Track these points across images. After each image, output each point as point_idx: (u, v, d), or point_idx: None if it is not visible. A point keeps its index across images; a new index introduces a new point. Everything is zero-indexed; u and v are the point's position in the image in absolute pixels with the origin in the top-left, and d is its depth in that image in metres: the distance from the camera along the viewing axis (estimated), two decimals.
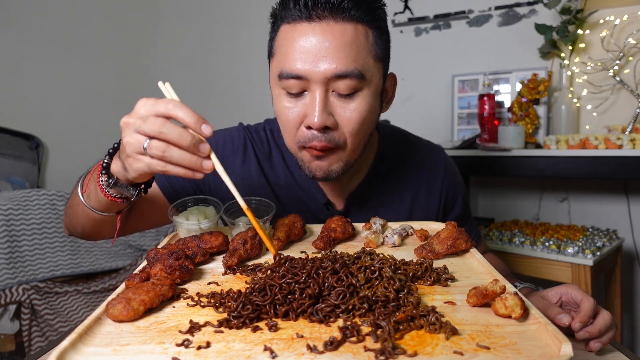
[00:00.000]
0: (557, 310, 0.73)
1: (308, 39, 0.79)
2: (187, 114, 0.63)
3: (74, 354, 0.49)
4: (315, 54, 0.79)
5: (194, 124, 0.63)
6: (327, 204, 1.02)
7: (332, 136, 0.84)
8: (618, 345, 0.73)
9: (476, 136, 2.19)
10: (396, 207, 1.05)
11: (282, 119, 0.87)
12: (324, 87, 0.81)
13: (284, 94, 0.85)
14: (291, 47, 0.81)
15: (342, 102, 0.83)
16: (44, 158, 2.71)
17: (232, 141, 1.02)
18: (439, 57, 2.52)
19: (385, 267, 0.65)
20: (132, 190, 0.78)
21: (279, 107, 0.87)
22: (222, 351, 0.49)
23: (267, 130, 1.06)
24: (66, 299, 2.07)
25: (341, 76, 0.80)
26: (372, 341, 0.50)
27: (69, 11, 2.83)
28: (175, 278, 0.67)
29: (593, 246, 1.76)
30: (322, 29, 0.79)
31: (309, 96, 0.83)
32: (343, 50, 0.79)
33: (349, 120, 0.84)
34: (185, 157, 0.63)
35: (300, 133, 0.86)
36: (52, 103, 2.75)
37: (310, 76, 0.80)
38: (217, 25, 3.18)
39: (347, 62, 0.80)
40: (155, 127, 0.62)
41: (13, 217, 1.93)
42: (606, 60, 2.06)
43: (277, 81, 0.85)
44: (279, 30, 0.85)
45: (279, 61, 0.84)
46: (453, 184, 1.12)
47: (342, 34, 0.79)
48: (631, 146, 1.74)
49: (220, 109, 3.23)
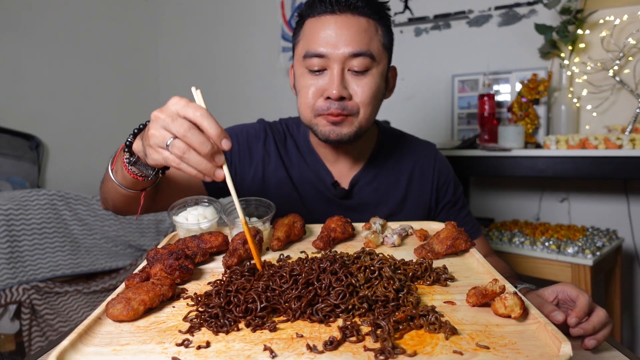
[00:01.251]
0: (551, 307, 0.74)
1: (330, 27, 0.98)
2: (212, 125, 0.68)
3: (73, 353, 0.49)
4: (336, 39, 0.97)
5: (216, 137, 0.68)
6: (334, 183, 1.14)
7: (346, 105, 1.00)
8: (618, 345, 0.73)
9: (476, 136, 2.19)
10: (393, 189, 1.18)
11: (304, 92, 1.03)
12: (341, 65, 0.98)
13: (307, 72, 1.02)
14: (316, 34, 1.00)
15: (356, 79, 1.00)
16: (44, 158, 2.71)
17: (254, 130, 1.20)
18: (439, 57, 2.52)
19: (385, 267, 0.65)
20: (151, 170, 0.85)
21: (301, 83, 1.04)
22: (222, 351, 0.49)
23: (282, 124, 1.24)
24: (66, 299, 2.07)
25: (355, 55, 0.97)
26: (372, 341, 0.50)
27: (69, 11, 2.83)
28: (175, 278, 0.67)
29: (593, 246, 1.76)
30: (342, 21, 0.98)
31: (328, 73, 1.00)
32: (358, 35, 0.98)
33: (361, 92, 1.00)
34: (201, 163, 0.68)
35: (318, 103, 1.01)
36: (52, 103, 2.75)
37: (331, 55, 0.98)
38: (217, 25, 3.18)
39: (361, 45, 0.98)
40: (181, 129, 0.66)
41: (13, 217, 1.93)
42: (606, 60, 2.05)
43: (302, 61, 1.02)
44: (305, 24, 1.04)
45: (305, 45, 1.02)
46: (444, 172, 1.24)
47: (357, 24, 0.99)
48: (631, 146, 1.74)
49: (220, 109, 3.23)
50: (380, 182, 1.17)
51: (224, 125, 0.92)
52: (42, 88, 2.70)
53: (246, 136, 1.18)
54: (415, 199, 1.20)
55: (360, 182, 1.16)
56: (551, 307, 0.75)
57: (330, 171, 1.15)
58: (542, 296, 0.81)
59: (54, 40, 2.75)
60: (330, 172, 1.15)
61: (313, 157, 1.16)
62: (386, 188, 1.17)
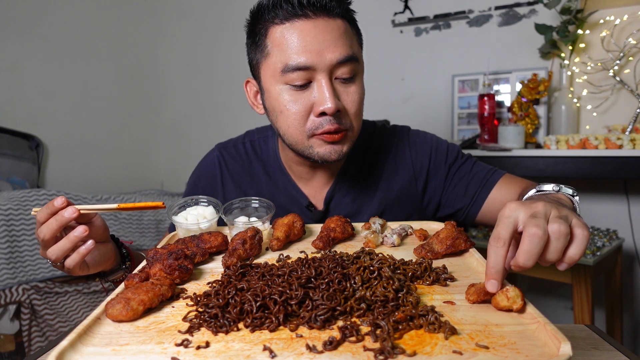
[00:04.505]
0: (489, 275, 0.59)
1: (309, 33, 0.87)
2: (42, 210, 0.78)
3: (73, 354, 0.49)
4: (319, 46, 0.87)
5: (52, 211, 0.77)
6: (308, 206, 1.06)
7: (341, 119, 0.91)
8: (618, 345, 0.73)
9: (476, 136, 2.19)
10: (369, 197, 1.07)
11: (287, 113, 0.91)
12: (329, 75, 0.89)
13: (286, 89, 0.90)
14: (293, 43, 0.88)
15: (344, 87, 0.92)
16: (44, 158, 2.71)
17: (205, 175, 1.13)
18: (439, 57, 2.52)
19: (384, 267, 0.65)
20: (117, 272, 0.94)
21: (281, 103, 0.91)
22: (222, 351, 0.49)
23: (246, 142, 1.14)
24: (66, 299, 2.07)
25: (343, 62, 0.89)
26: (372, 341, 0.50)
27: (69, 11, 2.83)
28: (175, 278, 0.67)
29: (593, 246, 1.76)
30: (321, 25, 0.88)
31: (315, 86, 0.89)
32: (341, 39, 0.89)
33: (352, 103, 0.92)
34: (50, 222, 0.76)
35: (310, 122, 0.91)
36: (52, 103, 2.75)
37: (317, 65, 0.87)
38: (217, 25, 3.18)
39: (346, 49, 0.89)
40: (40, 235, 0.78)
41: (13, 217, 1.93)
42: (606, 60, 2.05)
43: (280, 77, 0.90)
44: (269, 32, 0.91)
45: (281, 57, 0.89)
46: (421, 150, 1.09)
47: (337, 27, 0.89)
48: (631, 146, 1.73)
49: (221, 109, 3.23)
50: (356, 191, 1.07)
51: (221, 126, 0.93)
52: (42, 88, 2.70)
53: (202, 187, 1.12)
54: (393, 199, 1.07)
55: (336, 196, 1.07)
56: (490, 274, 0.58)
57: (303, 191, 1.07)
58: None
59: (54, 40, 2.75)
60: (303, 192, 1.07)
61: (284, 178, 1.07)
62: (362, 196, 1.07)
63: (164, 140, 3.44)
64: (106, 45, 3.05)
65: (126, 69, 3.20)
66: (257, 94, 1.01)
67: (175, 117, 3.41)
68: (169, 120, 3.42)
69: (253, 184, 1.09)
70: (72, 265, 0.79)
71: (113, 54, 3.10)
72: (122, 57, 3.17)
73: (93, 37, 2.96)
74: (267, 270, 0.67)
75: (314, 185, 1.07)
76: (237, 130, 1.31)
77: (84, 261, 0.84)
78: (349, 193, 1.07)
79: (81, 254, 0.78)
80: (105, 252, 0.88)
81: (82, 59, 2.91)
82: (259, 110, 1.02)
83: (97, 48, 2.99)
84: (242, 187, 1.09)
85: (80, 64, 2.89)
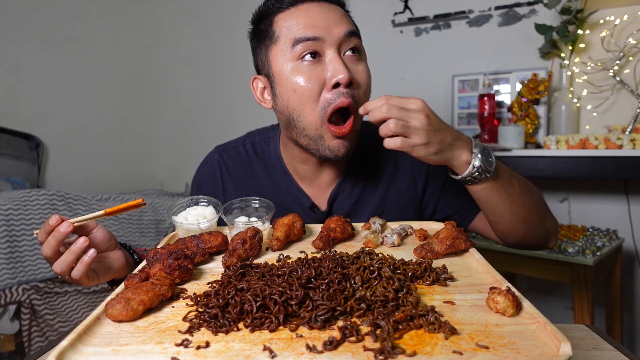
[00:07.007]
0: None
1: (316, 12, 0.92)
2: (41, 231, 0.82)
3: (73, 354, 0.49)
4: (325, 22, 0.91)
5: (48, 230, 0.80)
6: (312, 207, 1.05)
7: (354, 93, 0.92)
8: (618, 345, 0.73)
9: (476, 136, 2.19)
10: (370, 198, 1.07)
11: (301, 90, 0.91)
12: (337, 48, 0.91)
13: (298, 64, 0.91)
14: (300, 22, 0.91)
15: (354, 64, 0.93)
16: (44, 158, 2.71)
17: (206, 179, 1.13)
18: (439, 57, 2.52)
19: (384, 267, 0.65)
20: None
21: (294, 81, 0.92)
22: (222, 351, 0.49)
23: (247, 144, 1.13)
24: (66, 299, 2.07)
25: (349, 35, 0.92)
26: (372, 341, 0.50)
27: (69, 11, 2.83)
28: (175, 278, 0.67)
29: (593, 246, 1.76)
30: (324, 6, 0.93)
31: (327, 60, 0.91)
32: (345, 18, 0.95)
33: (363, 79, 0.94)
34: (49, 240, 0.80)
35: (323, 99, 0.91)
36: (52, 103, 2.75)
37: (326, 38, 0.90)
38: (218, 25, 3.18)
39: (351, 25, 0.94)
40: (44, 253, 0.82)
41: (13, 217, 1.93)
42: (606, 60, 2.05)
43: (290, 53, 0.91)
44: (275, 21, 0.94)
45: (289, 35, 0.91)
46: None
47: (338, 9, 0.95)
48: (631, 146, 1.73)
49: (221, 109, 3.23)
50: (359, 192, 1.06)
51: (221, 126, 0.93)
52: (42, 88, 2.70)
53: (205, 190, 1.11)
54: (396, 200, 1.07)
55: (340, 196, 1.06)
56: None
57: (306, 192, 1.06)
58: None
59: (54, 40, 2.75)
60: (306, 193, 1.06)
61: (287, 178, 1.06)
62: (364, 197, 1.07)
63: (164, 140, 3.44)
64: (106, 45, 3.05)
65: (126, 68, 3.20)
66: (264, 90, 1.01)
67: (175, 117, 3.41)
68: (169, 120, 3.42)
69: (255, 186, 1.08)
70: (78, 276, 0.81)
71: (113, 54, 3.10)
72: (122, 57, 3.17)
73: (93, 37, 2.96)
74: (267, 270, 0.67)
75: (317, 185, 1.06)
76: (237, 130, 1.31)
77: (93, 271, 0.86)
78: (352, 194, 1.06)
79: (85, 264, 0.80)
80: (114, 260, 0.90)
81: (82, 59, 2.90)
82: (266, 105, 1.02)
83: (97, 48, 2.99)
84: (243, 189, 1.08)
85: (80, 64, 2.89)
